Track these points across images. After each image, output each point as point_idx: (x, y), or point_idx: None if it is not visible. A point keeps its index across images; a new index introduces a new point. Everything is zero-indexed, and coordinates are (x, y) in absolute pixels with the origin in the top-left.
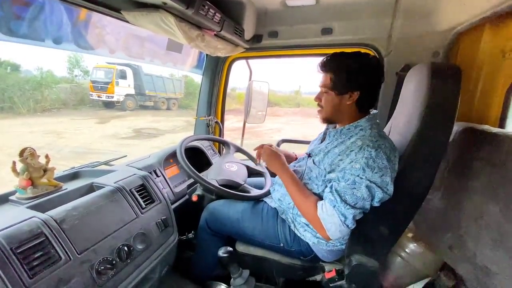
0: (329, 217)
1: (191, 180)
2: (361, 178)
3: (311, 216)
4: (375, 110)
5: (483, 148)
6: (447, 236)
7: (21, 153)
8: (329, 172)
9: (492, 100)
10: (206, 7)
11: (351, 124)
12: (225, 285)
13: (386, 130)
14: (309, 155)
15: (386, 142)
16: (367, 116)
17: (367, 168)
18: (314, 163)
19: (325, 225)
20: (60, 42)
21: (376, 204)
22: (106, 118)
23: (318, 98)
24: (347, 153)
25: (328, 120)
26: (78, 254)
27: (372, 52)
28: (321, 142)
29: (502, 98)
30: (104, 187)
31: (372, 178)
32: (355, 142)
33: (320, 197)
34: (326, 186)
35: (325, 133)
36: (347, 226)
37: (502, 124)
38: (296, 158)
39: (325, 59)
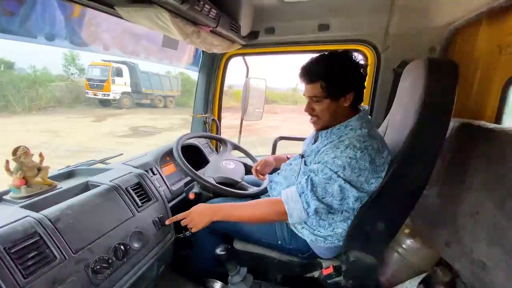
0: (293, 203)
1: (188, 178)
2: (338, 176)
3: (277, 209)
4: (365, 106)
5: (480, 144)
6: (443, 232)
7: (14, 152)
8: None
9: (488, 96)
10: (201, 2)
11: (341, 124)
12: (221, 282)
13: (383, 126)
14: (302, 156)
15: (374, 142)
16: (357, 115)
17: (348, 167)
18: (305, 164)
19: (288, 210)
20: (53, 39)
21: (353, 204)
22: (102, 116)
23: (311, 109)
24: (333, 149)
25: (326, 127)
26: (74, 254)
27: (369, 49)
28: (314, 142)
29: (499, 93)
30: (99, 185)
31: (349, 178)
32: (343, 141)
33: None
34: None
35: (317, 133)
36: (307, 214)
37: (498, 120)
38: (288, 159)
39: (308, 68)
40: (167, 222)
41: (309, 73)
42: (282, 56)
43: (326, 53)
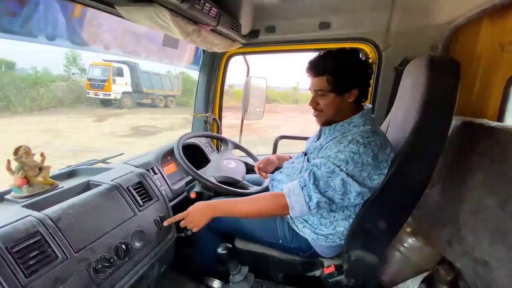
0: (295, 196)
1: (189, 177)
2: (341, 170)
3: (279, 201)
4: (369, 105)
5: (481, 142)
6: (445, 231)
7: (16, 152)
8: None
9: (490, 94)
10: (202, 1)
11: (345, 121)
12: (219, 281)
13: (384, 125)
14: (305, 154)
15: (377, 139)
16: (360, 112)
17: (350, 161)
18: (308, 161)
19: (290, 203)
20: (53, 39)
21: (354, 199)
22: (103, 116)
23: (315, 103)
24: (336, 144)
25: (329, 122)
26: (75, 253)
27: (370, 47)
28: (317, 139)
29: (501, 91)
30: (100, 185)
31: (351, 172)
32: (347, 137)
33: None
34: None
35: (320, 130)
36: (309, 207)
37: (500, 118)
38: (291, 158)
39: (315, 62)
40: (165, 223)
41: (316, 66)
42: (283, 54)
43: (334, 49)
